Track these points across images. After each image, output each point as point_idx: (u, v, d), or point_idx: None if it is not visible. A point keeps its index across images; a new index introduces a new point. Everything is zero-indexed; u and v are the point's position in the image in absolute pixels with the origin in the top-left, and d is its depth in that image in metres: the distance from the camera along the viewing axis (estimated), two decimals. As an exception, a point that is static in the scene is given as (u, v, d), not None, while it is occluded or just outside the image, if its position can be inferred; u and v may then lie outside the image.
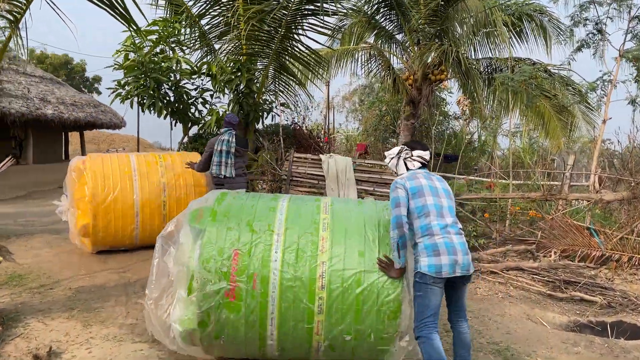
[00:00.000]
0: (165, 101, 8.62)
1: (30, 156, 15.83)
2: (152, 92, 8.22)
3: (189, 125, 9.30)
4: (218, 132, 8.67)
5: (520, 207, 9.67)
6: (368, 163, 8.94)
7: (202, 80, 9.36)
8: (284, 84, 10.15)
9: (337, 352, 3.56)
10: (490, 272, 7.25)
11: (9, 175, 14.95)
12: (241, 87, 8.95)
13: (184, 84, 9.14)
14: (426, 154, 3.70)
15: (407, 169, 3.68)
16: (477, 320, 5.51)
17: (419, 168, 3.67)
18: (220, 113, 8.73)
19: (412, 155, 3.68)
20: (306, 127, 11.40)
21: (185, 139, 9.44)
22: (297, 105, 11.31)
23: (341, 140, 27.91)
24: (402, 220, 3.37)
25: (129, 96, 8.72)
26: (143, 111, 8.87)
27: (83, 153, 19.17)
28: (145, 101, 8.37)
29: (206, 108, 9.41)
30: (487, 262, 7.47)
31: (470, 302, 6.16)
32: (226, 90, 9.22)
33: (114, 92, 8.88)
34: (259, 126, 10.27)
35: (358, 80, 26.26)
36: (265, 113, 9.74)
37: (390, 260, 3.43)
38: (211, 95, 9.46)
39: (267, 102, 9.80)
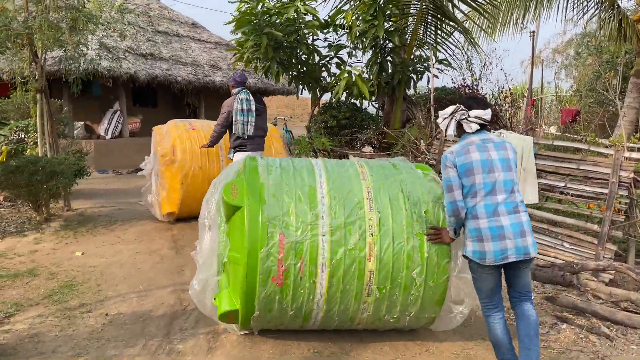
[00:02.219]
0: (285, 63, 6.86)
1: (202, 124, 15.77)
2: (265, 52, 6.51)
3: (320, 92, 7.45)
4: (347, 103, 6.74)
5: None
6: (559, 144, 6.06)
7: (337, 34, 7.37)
8: (446, 35, 7.57)
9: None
10: None
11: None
12: (382, 40, 6.74)
13: (314, 40, 7.26)
14: (486, 114, 3.19)
15: (464, 132, 3.26)
16: None
17: (477, 131, 3.21)
18: (354, 77, 6.67)
19: (468, 116, 3.18)
20: (474, 90, 8.64)
21: (316, 111, 7.63)
22: (470, 62, 8.66)
23: (550, 102, 23.53)
24: (458, 206, 3.13)
25: (250, 59, 7.19)
26: (266, 76, 7.29)
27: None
28: (259, 63, 6.73)
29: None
30: None
31: None
32: (367, 48, 7.11)
33: (235, 55, 7.46)
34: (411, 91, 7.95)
35: (574, 28, 21.44)
36: (417, 74, 7.40)
37: (439, 229, 3.38)
38: (348, 54, 7.45)
39: (422, 60, 7.42)
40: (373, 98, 7.36)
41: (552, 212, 5.77)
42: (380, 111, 7.93)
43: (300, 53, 6.97)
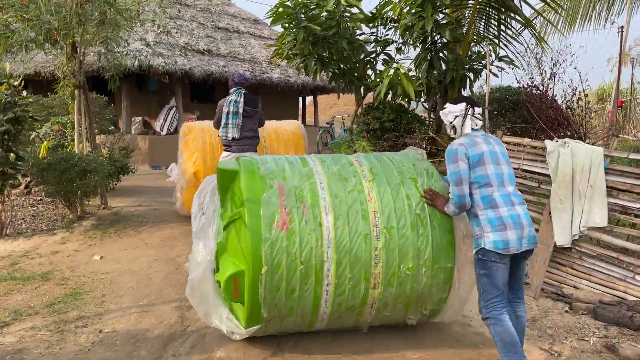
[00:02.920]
0: (325, 59, 6.33)
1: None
2: (302, 47, 6.02)
3: (363, 92, 6.85)
4: (392, 103, 6.16)
5: None
6: (636, 158, 5.11)
7: (384, 29, 6.75)
8: (509, 29, 6.71)
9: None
10: None
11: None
12: (432, 35, 6.05)
13: (359, 35, 6.68)
14: (480, 111, 3.33)
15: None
16: None
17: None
18: (399, 74, 6.02)
19: (474, 113, 3.27)
20: (544, 90, 7.66)
21: (359, 111, 7.03)
22: (539, 59, 7.76)
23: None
24: (466, 201, 3.11)
25: (289, 55, 6.73)
26: (307, 73, 6.81)
27: (315, 118, 18.44)
28: (297, 60, 6.25)
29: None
30: None
31: None
32: (416, 43, 6.44)
33: (275, 51, 7.02)
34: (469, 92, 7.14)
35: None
36: (475, 72, 6.64)
37: (436, 194, 3.42)
38: (397, 50, 6.80)
39: (480, 56, 6.65)
40: (422, 99, 6.68)
41: (623, 237, 4.89)
42: (432, 113, 7.22)
43: (342, 49, 6.39)
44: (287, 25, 6.31)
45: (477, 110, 3.30)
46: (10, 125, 6.00)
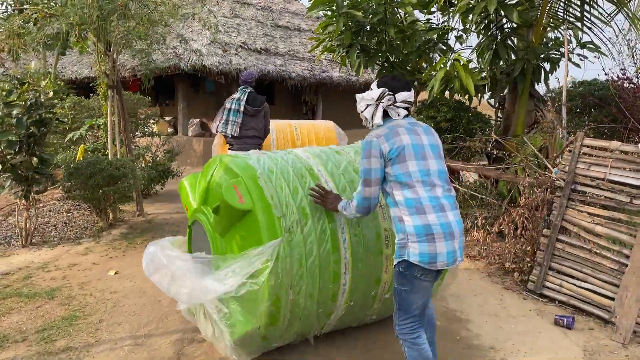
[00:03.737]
0: (371, 51, 5.52)
1: (320, 122, 14.88)
2: (342, 37, 5.25)
3: (418, 87, 5.96)
4: (449, 100, 5.32)
5: None
6: None
7: (442, 15, 5.83)
8: (594, 8, 5.55)
9: None
10: None
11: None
12: (501, 19, 5.07)
13: (411, 22, 5.80)
14: (411, 96, 2.77)
15: (387, 117, 2.75)
16: None
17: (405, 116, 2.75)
18: (456, 68, 5.08)
19: (395, 101, 2.70)
20: (637, 84, 6.37)
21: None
22: (634, 47, 6.53)
23: None
24: (372, 204, 2.66)
25: (332, 47, 5.99)
26: (352, 67, 6.03)
27: (380, 119, 17.49)
28: (339, 51, 5.49)
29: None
30: None
31: None
32: (480, 28, 5.49)
33: (317, 42, 6.30)
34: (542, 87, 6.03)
35: None
36: (552, 63, 5.58)
37: (326, 191, 3.00)
38: (456, 38, 5.86)
39: (558, 44, 5.57)
40: (486, 95, 5.70)
41: None
42: (499, 111, 6.20)
43: (390, 38, 5.54)
44: (328, 12, 5.57)
45: (403, 96, 2.69)
46: (35, 127, 5.68)
